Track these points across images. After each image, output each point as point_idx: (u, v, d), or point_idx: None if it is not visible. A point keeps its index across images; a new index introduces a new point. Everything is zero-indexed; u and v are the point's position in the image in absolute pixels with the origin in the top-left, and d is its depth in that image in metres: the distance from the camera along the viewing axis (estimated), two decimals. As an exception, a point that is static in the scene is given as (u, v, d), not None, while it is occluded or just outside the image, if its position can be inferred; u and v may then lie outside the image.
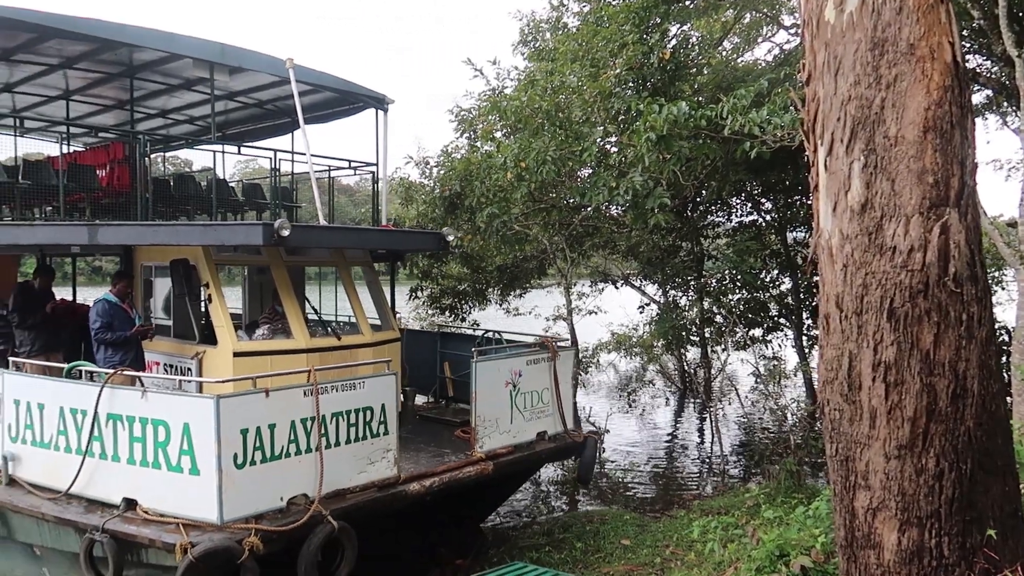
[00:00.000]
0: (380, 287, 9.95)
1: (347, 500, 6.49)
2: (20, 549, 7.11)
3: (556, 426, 8.83)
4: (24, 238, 8.32)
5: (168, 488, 5.98)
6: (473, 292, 15.94)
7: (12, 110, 13.26)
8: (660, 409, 17.19)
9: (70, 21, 8.60)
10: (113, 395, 6.24)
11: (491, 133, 11.82)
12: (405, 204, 15.40)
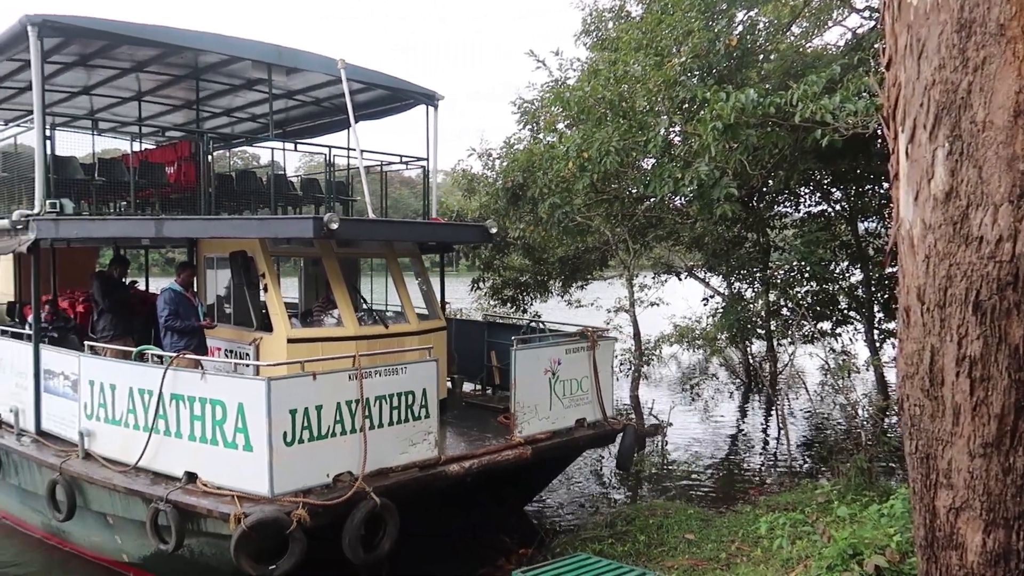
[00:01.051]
0: (428, 278, 10.32)
1: (389, 478, 6.83)
2: (95, 518, 7.71)
3: (595, 414, 9.06)
4: (98, 231, 8.95)
5: (224, 463, 6.43)
6: (535, 284, 15.97)
7: (90, 111, 14.15)
8: (724, 403, 16.98)
9: (139, 28, 9.17)
10: (176, 377, 6.73)
11: (553, 124, 11.76)
12: (467, 196, 15.46)
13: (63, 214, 8.43)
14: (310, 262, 10.20)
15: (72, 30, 8.77)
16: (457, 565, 7.98)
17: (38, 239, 8.33)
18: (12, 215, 8.49)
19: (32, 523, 9.08)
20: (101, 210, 11.67)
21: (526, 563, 7.53)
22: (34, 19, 8.14)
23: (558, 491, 10.92)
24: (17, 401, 8.64)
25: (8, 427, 8.71)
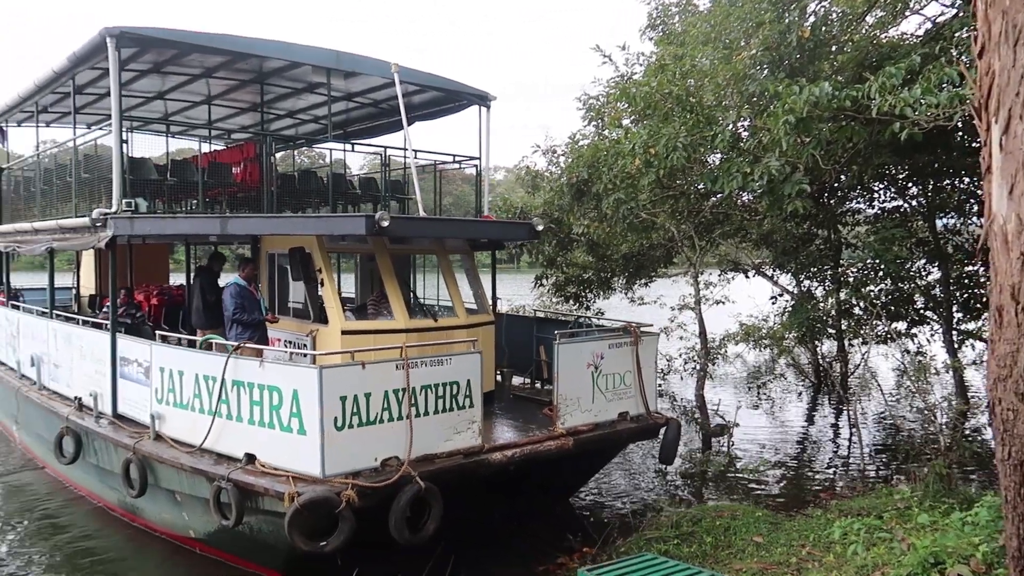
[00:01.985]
0: (477, 274, 10.63)
1: (434, 464, 7.17)
2: (165, 495, 8.29)
3: (638, 407, 9.25)
4: (169, 229, 9.55)
5: (280, 445, 6.87)
6: (598, 280, 15.83)
7: (164, 115, 14.96)
8: (791, 404, 16.67)
9: (208, 37, 9.75)
10: (237, 365, 7.22)
11: (619, 120, 11.62)
12: (531, 192, 15.46)
13: (138, 212, 9.03)
14: (365, 258, 10.63)
15: (147, 40, 9.39)
16: (520, 561, 8.13)
17: (115, 236, 8.96)
18: (92, 213, 9.13)
19: (109, 499, 9.76)
20: (173, 208, 12.38)
21: (589, 561, 7.62)
22: (112, 31, 8.75)
23: (620, 489, 10.96)
24: (96, 386, 9.31)
25: (88, 410, 9.39)
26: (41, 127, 13.78)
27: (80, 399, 9.65)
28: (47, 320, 11.02)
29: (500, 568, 8.08)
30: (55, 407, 10.03)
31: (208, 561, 8.31)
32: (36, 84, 11.19)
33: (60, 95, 12.14)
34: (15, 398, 11.97)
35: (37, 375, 11.13)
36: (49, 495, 10.72)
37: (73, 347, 10.04)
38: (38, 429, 11.20)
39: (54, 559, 8.59)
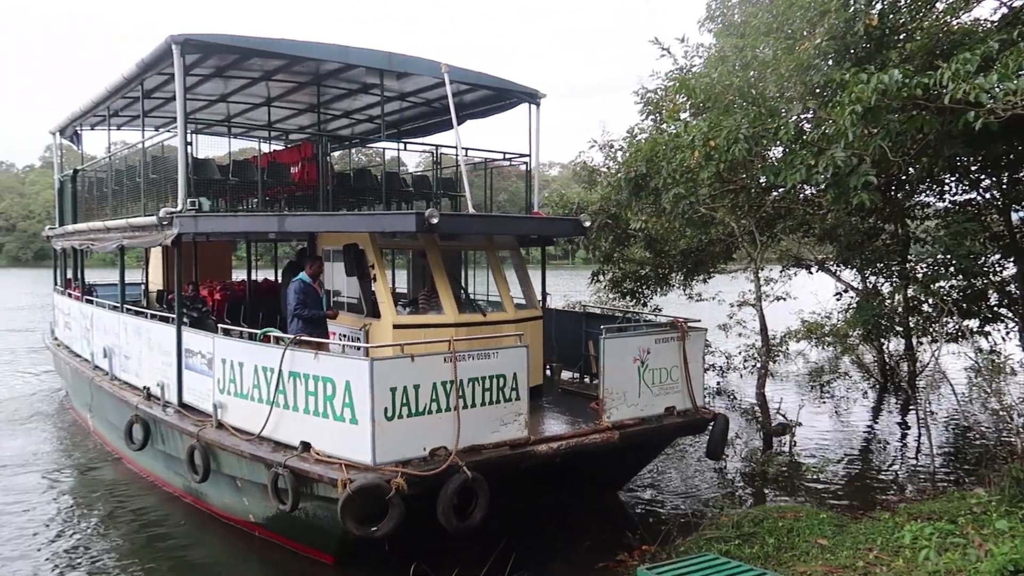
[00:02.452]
0: (526, 269, 10.79)
1: (481, 455, 7.36)
2: (227, 481, 8.69)
3: (685, 402, 9.28)
4: (230, 226, 9.97)
5: (334, 434, 7.15)
6: (655, 276, 15.64)
7: (226, 116, 15.53)
8: (856, 403, 16.24)
9: (267, 42, 10.13)
10: (293, 356, 7.54)
11: (677, 113, 11.45)
12: (588, 188, 15.36)
13: (201, 211, 9.45)
14: (417, 254, 10.87)
15: (209, 46, 9.82)
16: (579, 558, 8.16)
17: (180, 234, 9.41)
18: (159, 212, 9.59)
19: (175, 484, 10.25)
20: (235, 207, 12.87)
21: (648, 560, 7.62)
22: (177, 38, 9.18)
23: (679, 488, 10.92)
24: (163, 376, 9.79)
25: (156, 399, 9.88)
26: (112, 130, 14.47)
27: (148, 389, 10.16)
28: (118, 314, 11.60)
29: (559, 564, 8.15)
30: (125, 396, 10.57)
31: (267, 544, 8.67)
32: (107, 89, 11.78)
33: (130, 99, 12.72)
34: (89, 388, 12.63)
35: (109, 366, 11.73)
36: (120, 481, 11.30)
37: (142, 339, 10.56)
38: (110, 417, 11.81)
39: (125, 542, 9.08)
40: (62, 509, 10.14)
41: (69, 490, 11.03)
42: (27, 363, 22.57)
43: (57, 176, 17.39)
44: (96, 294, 14.48)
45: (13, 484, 11.05)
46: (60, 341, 16.05)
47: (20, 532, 9.22)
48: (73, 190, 15.51)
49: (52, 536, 9.15)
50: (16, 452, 12.80)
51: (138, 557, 8.56)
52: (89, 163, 15.44)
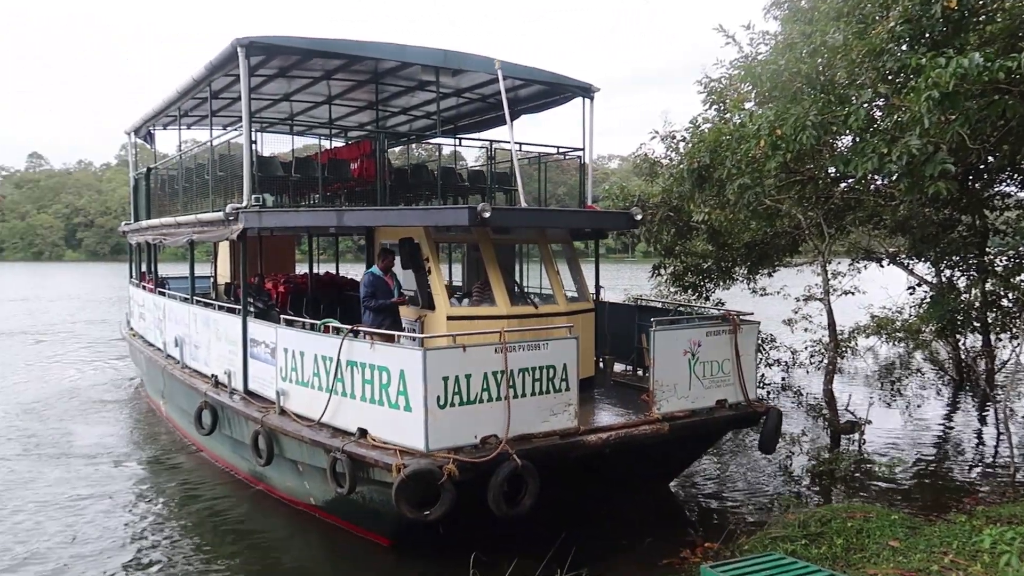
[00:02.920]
0: (578, 262, 10.91)
1: (531, 443, 7.52)
2: (289, 465, 9.08)
3: (737, 395, 9.28)
4: (292, 221, 10.36)
5: (389, 421, 7.41)
6: (718, 270, 15.33)
7: (289, 115, 16.04)
8: (929, 401, 15.81)
9: (327, 43, 10.48)
10: (351, 346, 7.85)
11: (742, 102, 11.23)
12: (649, 180, 15.15)
13: (265, 207, 9.86)
14: (472, 247, 11.10)
15: (272, 48, 10.20)
16: (640, 554, 8.17)
17: (245, 228, 9.83)
18: (225, 208, 10.03)
19: (241, 468, 10.73)
20: (297, 203, 13.32)
21: (712, 558, 7.58)
22: (242, 41, 9.59)
23: (743, 485, 10.83)
24: (230, 365, 10.25)
25: (223, 386, 10.35)
26: (183, 129, 15.12)
27: (216, 376, 10.65)
28: (188, 305, 12.17)
29: (620, 560, 8.16)
30: (195, 383, 11.10)
31: (326, 526, 9.04)
32: (178, 91, 12.33)
33: (199, 100, 13.28)
34: (162, 375, 13.27)
35: (180, 355, 12.32)
36: (189, 464, 11.88)
37: (210, 329, 11.07)
38: (181, 403, 12.41)
39: (193, 522, 9.58)
40: (135, 489, 10.73)
41: (142, 471, 11.65)
42: (105, 352, 23.74)
43: (132, 174, 18.23)
44: (168, 286, 15.18)
45: (92, 466, 11.73)
46: (135, 331, 16.86)
47: (97, 511, 9.81)
48: (146, 187, 16.27)
49: (126, 514, 9.71)
50: (95, 436, 13.56)
51: (205, 537, 9.04)
52: (161, 161, 16.15)
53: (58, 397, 16.75)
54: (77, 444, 12.92)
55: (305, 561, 8.56)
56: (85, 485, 10.74)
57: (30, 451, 12.46)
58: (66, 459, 12.02)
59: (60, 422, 14.47)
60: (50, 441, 13.08)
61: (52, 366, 21.37)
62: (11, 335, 28.66)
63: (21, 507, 9.89)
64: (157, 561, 8.34)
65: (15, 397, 16.83)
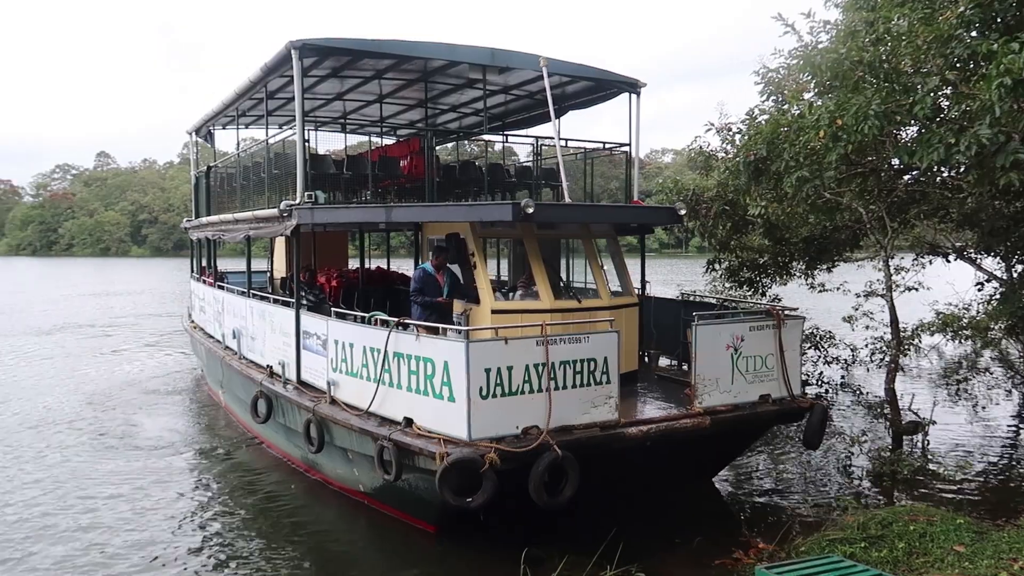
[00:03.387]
0: (622, 257, 11.00)
1: (572, 435, 7.67)
2: (339, 453, 9.42)
3: (781, 391, 9.27)
4: (343, 217, 10.71)
5: (433, 411, 7.66)
6: (775, 265, 14.98)
7: (342, 114, 16.48)
8: (998, 402, 15.29)
9: (377, 44, 10.79)
10: (397, 338, 8.12)
11: (801, 93, 10.90)
12: (703, 174, 14.89)
13: (317, 203, 10.21)
14: (517, 243, 11.30)
15: (324, 49, 10.56)
16: (692, 553, 8.12)
17: (298, 224, 10.21)
18: (280, 205, 10.43)
19: (294, 455, 11.15)
20: (349, 199, 13.70)
21: (767, 559, 7.51)
22: (295, 43, 9.95)
23: (799, 484, 10.69)
24: (284, 356, 10.66)
25: (278, 377, 10.77)
26: (241, 129, 15.68)
27: (271, 367, 11.08)
28: (245, 299, 12.66)
29: (671, 557, 8.14)
30: (251, 374, 11.56)
31: (375, 513, 9.36)
32: (236, 92, 12.82)
33: (255, 100, 13.77)
34: (220, 366, 13.83)
35: (237, 346, 12.83)
36: (245, 451, 12.38)
37: (265, 322, 11.52)
38: (238, 393, 12.92)
39: (248, 508, 10.02)
40: (195, 476, 11.26)
41: (201, 458, 12.18)
42: (168, 345, 24.71)
43: (193, 172, 18.96)
44: (227, 280, 15.76)
45: (153, 453, 12.32)
46: (196, 324, 17.55)
47: (158, 496, 10.34)
48: (207, 185, 16.91)
49: (185, 500, 10.21)
50: (157, 425, 14.21)
51: (259, 523, 9.45)
52: (220, 160, 16.77)
53: (122, 387, 17.56)
54: (139, 433, 13.56)
55: (353, 547, 8.90)
56: (147, 471, 11.29)
57: (95, 439, 13.13)
58: (129, 447, 12.64)
59: (124, 411, 15.18)
60: (114, 429, 13.75)
61: (117, 358, 22.36)
62: (79, 328, 30.03)
63: (86, 489, 10.48)
64: (214, 546, 8.78)
65: (83, 387, 17.70)
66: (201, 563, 8.24)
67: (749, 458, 11.73)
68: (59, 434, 13.39)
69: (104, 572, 8.01)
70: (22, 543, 8.71)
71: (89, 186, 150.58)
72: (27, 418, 14.64)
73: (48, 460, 11.86)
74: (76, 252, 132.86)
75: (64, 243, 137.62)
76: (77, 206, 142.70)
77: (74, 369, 20.23)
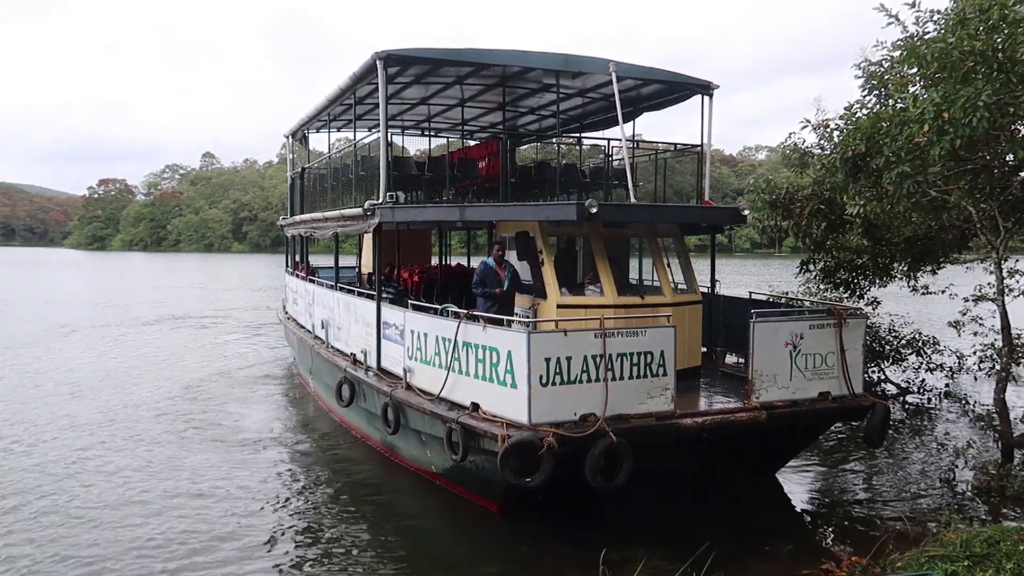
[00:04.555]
0: (687, 256, 11.35)
1: (628, 423, 8.13)
2: (413, 435, 10.19)
3: (841, 389, 9.47)
4: (421, 216, 11.48)
5: (498, 396, 8.27)
6: (874, 266, 14.48)
7: (427, 117, 17.35)
8: None
9: (455, 52, 11.51)
10: (466, 328, 8.79)
11: (905, 86, 10.32)
12: (798, 171, 14.33)
13: (398, 203, 11.01)
14: (585, 241, 11.82)
15: (406, 59, 11.36)
16: (781, 564, 8.06)
17: (381, 222, 11.03)
18: (364, 204, 11.29)
19: (374, 438, 12.01)
20: (431, 199, 14.52)
21: (860, 573, 7.36)
22: (380, 54, 10.77)
23: (896, 496, 10.34)
24: (366, 344, 11.52)
25: (360, 364, 11.65)
26: (332, 132, 16.75)
27: (354, 355, 11.97)
28: (332, 291, 13.64)
29: (758, 567, 8.02)
30: (337, 361, 12.50)
31: (445, 492, 10.07)
32: (327, 98, 13.82)
33: (345, 106, 14.75)
34: (310, 354, 14.90)
35: (325, 336, 13.83)
36: (330, 433, 13.35)
37: (350, 313, 12.43)
38: (325, 379, 13.92)
39: (331, 484, 10.92)
40: (284, 454, 12.27)
41: (291, 438, 13.22)
42: (263, 336, 26.37)
43: (288, 173, 20.26)
44: (318, 275, 16.89)
45: (246, 435, 13.44)
46: (289, 315, 18.81)
47: (249, 475, 11.37)
48: (301, 185, 18.12)
49: (274, 473, 11.21)
50: (252, 408, 15.43)
51: (340, 496, 10.32)
52: (314, 162, 17.93)
53: (219, 375, 19.00)
54: (233, 417, 14.73)
55: (424, 523, 9.62)
56: (239, 452, 12.35)
57: (192, 422, 14.33)
58: (223, 429, 13.80)
59: (219, 398, 16.48)
60: (210, 413, 14.97)
61: (216, 347, 24.07)
62: (185, 319, 32.25)
63: (179, 467, 11.62)
64: (298, 520, 9.70)
65: (185, 375, 19.22)
66: (287, 534, 9.12)
67: (840, 464, 11.65)
68: (160, 416, 14.67)
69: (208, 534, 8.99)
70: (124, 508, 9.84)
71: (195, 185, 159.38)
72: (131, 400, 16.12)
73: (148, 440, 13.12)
74: (182, 248, 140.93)
75: (172, 239, 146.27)
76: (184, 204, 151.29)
77: (181, 358, 21.91)
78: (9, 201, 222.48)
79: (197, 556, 8.34)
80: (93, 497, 10.09)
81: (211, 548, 8.55)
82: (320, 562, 8.33)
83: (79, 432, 13.30)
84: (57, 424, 13.86)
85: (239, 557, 8.36)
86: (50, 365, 20.30)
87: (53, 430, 13.44)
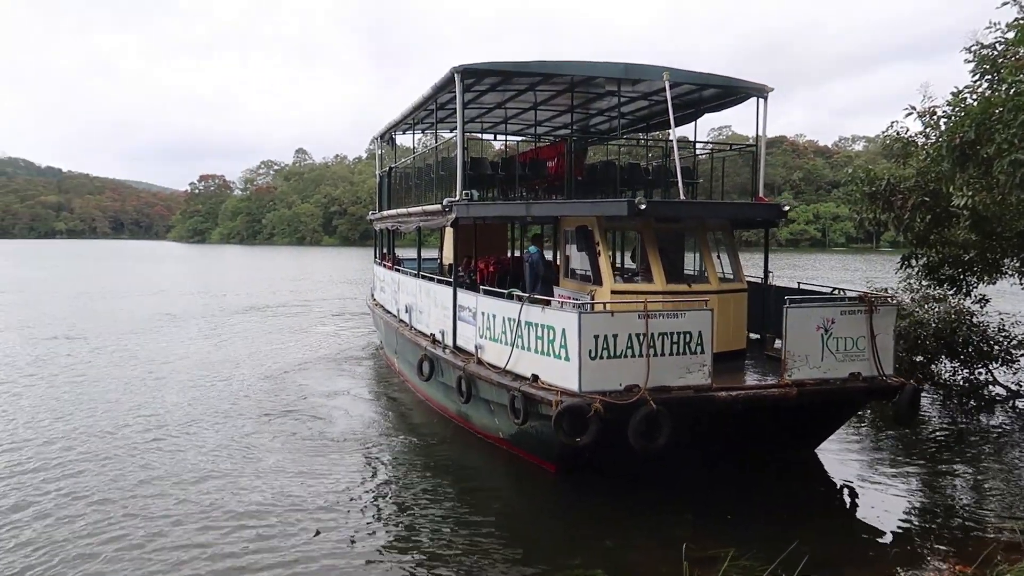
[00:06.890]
0: (735, 248, 12.36)
1: (668, 394, 9.31)
2: (484, 404, 11.62)
3: (872, 370, 10.35)
4: (491, 212, 12.88)
5: (554, 368, 9.59)
6: (982, 262, 13.78)
7: (503, 120, 18.78)
8: None
9: (522, 65, 12.84)
10: (528, 309, 10.15)
11: (1020, 68, 9.77)
12: (900, 162, 13.69)
13: (472, 200, 12.44)
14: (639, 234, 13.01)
15: (481, 72, 12.77)
16: (880, 568, 8.03)
17: (457, 218, 12.50)
18: (443, 201, 12.78)
19: (450, 408, 13.51)
20: (505, 196, 15.93)
21: None
22: (457, 68, 12.21)
23: (1005, 501, 10.12)
24: (443, 326, 13.03)
25: (438, 343, 13.17)
26: (416, 134, 18.39)
27: (434, 335, 13.50)
28: (415, 279, 15.24)
29: (858, 573, 7.98)
30: (419, 341, 14.07)
31: (510, 456, 11.46)
32: (412, 105, 15.40)
33: (428, 111, 16.32)
34: (395, 336, 16.57)
35: (409, 319, 15.45)
36: (412, 405, 14.96)
37: (430, 298, 13.98)
38: (408, 357, 15.55)
39: (410, 449, 12.47)
40: (369, 423, 13.91)
41: (377, 409, 14.89)
42: (353, 323, 28.47)
43: (377, 172, 22.08)
44: (403, 265, 18.57)
45: (340, 405, 15.19)
46: (377, 302, 20.62)
47: (339, 435, 13.05)
48: (388, 183, 19.86)
49: (359, 438, 12.86)
50: (342, 385, 17.23)
51: (419, 460, 11.85)
52: (399, 162, 19.62)
53: (310, 358, 20.99)
54: (326, 393, 16.52)
55: (493, 482, 11.03)
56: (329, 424, 14.01)
57: (283, 398, 16.21)
58: (316, 402, 15.59)
59: (313, 377, 18.36)
60: (304, 390, 16.83)
61: (309, 334, 26.22)
62: (278, 308, 34.82)
63: (271, 444, 13.40)
64: (379, 486, 11.26)
65: (281, 358, 21.29)
66: (374, 493, 10.64)
67: (943, 468, 11.49)
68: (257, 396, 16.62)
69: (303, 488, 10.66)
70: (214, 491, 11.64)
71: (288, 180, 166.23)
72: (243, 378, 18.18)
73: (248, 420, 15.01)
74: (276, 241, 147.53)
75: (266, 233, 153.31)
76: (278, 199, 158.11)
77: (279, 343, 24.11)
78: (119, 197, 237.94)
79: (307, 479, 10.01)
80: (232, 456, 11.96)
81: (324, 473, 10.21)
82: (400, 513, 9.82)
83: (219, 410, 15.35)
84: (183, 411, 15.77)
85: (342, 499, 9.97)
86: (164, 352, 22.71)
87: (182, 417, 15.37)
